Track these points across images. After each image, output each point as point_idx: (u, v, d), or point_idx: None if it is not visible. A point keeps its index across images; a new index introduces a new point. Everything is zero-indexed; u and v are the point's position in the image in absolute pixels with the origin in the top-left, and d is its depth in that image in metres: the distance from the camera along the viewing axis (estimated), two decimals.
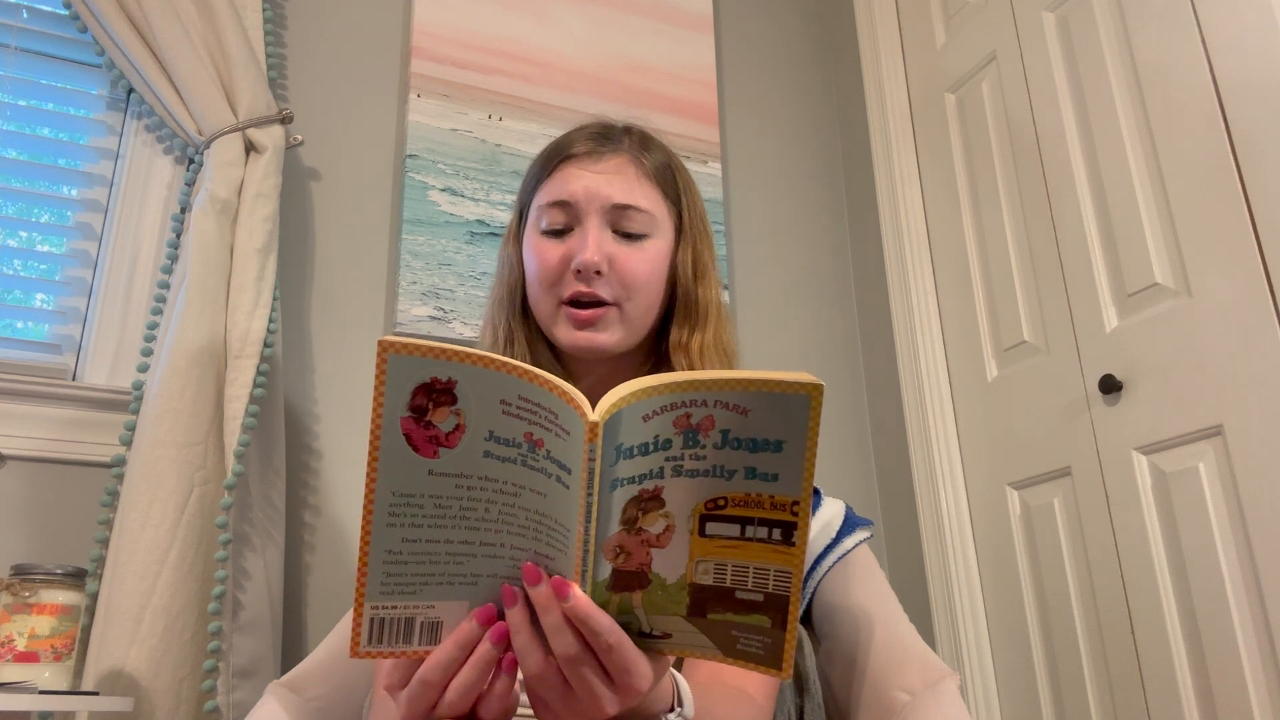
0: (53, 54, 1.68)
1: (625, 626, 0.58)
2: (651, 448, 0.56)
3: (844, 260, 2.22)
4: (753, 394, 0.55)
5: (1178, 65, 1.51)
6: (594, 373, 0.94)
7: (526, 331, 0.96)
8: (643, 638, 0.59)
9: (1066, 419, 1.65)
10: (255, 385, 1.42)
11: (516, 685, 0.60)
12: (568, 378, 0.94)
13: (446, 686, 0.58)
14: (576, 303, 0.89)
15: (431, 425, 0.55)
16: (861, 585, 1.04)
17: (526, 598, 0.57)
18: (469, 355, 0.55)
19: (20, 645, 1.12)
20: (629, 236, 0.92)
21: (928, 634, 1.82)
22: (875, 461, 2.06)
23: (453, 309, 1.74)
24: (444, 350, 0.54)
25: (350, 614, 1.10)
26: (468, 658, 0.57)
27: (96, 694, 1.19)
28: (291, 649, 1.49)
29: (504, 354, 0.93)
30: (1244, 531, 1.33)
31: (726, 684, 0.79)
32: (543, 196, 0.94)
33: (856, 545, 1.09)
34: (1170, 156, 1.51)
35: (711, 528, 0.58)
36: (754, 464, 0.56)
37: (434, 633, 0.58)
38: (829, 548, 1.06)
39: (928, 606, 1.83)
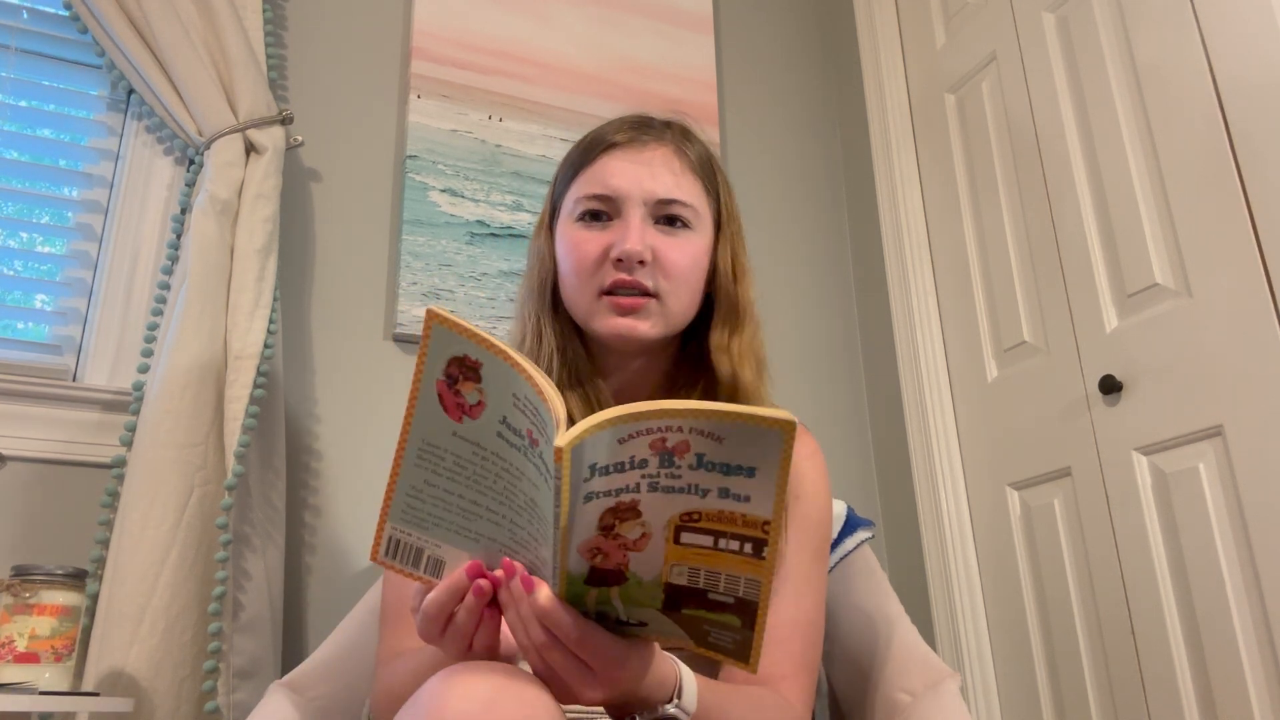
0: (53, 55, 1.68)
1: (603, 614, 0.62)
2: (628, 466, 0.58)
3: (844, 260, 2.22)
4: (727, 424, 0.57)
5: (1178, 65, 1.51)
6: (626, 367, 0.93)
7: (556, 324, 0.93)
8: (621, 625, 0.62)
9: (1066, 419, 1.65)
10: (255, 386, 1.42)
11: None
12: (597, 373, 0.93)
13: (447, 623, 0.63)
14: (618, 290, 0.88)
15: (459, 394, 0.62)
16: (863, 586, 1.05)
17: None
18: (494, 347, 0.60)
19: (20, 646, 1.12)
20: (671, 226, 0.90)
21: (928, 634, 1.82)
22: (875, 461, 2.06)
23: (453, 310, 1.74)
24: (476, 335, 0.61)
25: (350, 613, 1.12)
26: (459, 601, 0.63)
27: (97, 695, 1.19)
28: (291, 649, 1.49)
29: (534, 346, 0.92)
30: (1244, 531, 1.33)
31: (760, 687, 0.79)
32: (581, 187, 0.92)
33: (858, 546, 1.09)
34: (1170, 156, 1.51)
35: (686, 537, 0.60)
36: (727, 485, 0.58)
37: (437, 568, 0.65)
38: (830, 548, 1.06)
39: (928, 606, 1.83)
